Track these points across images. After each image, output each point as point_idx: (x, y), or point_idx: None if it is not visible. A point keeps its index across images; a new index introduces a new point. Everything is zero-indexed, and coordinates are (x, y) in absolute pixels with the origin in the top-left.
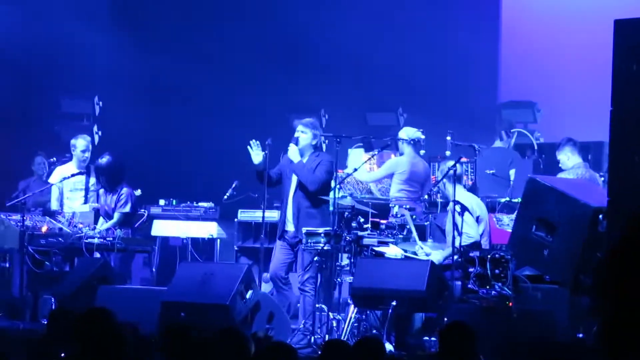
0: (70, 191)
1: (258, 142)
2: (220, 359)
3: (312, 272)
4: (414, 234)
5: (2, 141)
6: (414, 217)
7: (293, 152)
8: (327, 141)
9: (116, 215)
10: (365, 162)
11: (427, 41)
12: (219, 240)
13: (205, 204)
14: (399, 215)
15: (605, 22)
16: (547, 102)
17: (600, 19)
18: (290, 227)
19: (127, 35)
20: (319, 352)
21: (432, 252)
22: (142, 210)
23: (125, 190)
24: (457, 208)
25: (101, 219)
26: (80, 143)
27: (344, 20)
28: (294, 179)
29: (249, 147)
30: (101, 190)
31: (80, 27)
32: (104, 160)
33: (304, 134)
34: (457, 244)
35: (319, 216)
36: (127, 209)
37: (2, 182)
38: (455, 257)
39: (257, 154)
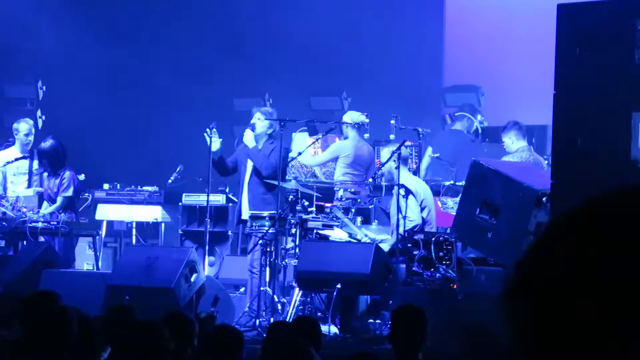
0: (13, 175)
1: (215, 128)
2: (165, 342)
3: (258, 255)
4: (351, 226)
5: None
6: (358, 200)
7: (248, 137)
8: None
9: (59, 200)
10: (310, 145)
11: (372, 24)
12: (163, 224)
13: (149, 188)
14: (343, 199)
15: (549, 6)
16: (491, 86)
17: (544, 3)
18: (245, 215)
19: (72, 18)
20: (264, 335)
21: (378, 238)
22: (86, 194)
23: (67, 174)
24: (402, 191)
25: (45, 203)
26: (22, 127)
27: (288, 4)
28: (249, 166)
29: (205, 134)
30: (45, 174)
31: (23, 9)
32: (46, 143)
33: (260, 122)
34: (400, 228)
35: (274, 202)
36: (70, 192)
37: None
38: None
39: (215, 141)
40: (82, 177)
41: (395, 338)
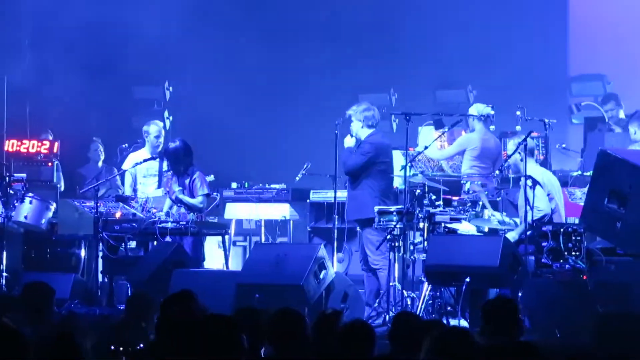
0: (143, 177)
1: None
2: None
3: (380, 251)
4: (488, 208)
5: (76, 129)
6: (486, 192)
7: (348, 142)
8: (397, 120)
9: (199, 199)
10: (436, 139)
11: (495, 17)
12: (291, 221)
13: (277, 186)
14: (470, 192)
15: None
16: (617, 74)
17: None
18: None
19: (198, 20)
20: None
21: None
22: (215, 193)
23: (197, 173)
24: (529, 182)
25: (168, 202)
26: (153, 129)
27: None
28: None
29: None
30: (169, 174)
31: (150, 11)
32: (172, 145)
33: (352, 124)
34: (529, 219)
35: (359, 198)
36: (206, 189)
37: (76, 170)
38: (528, 232)
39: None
40: (211, 177)
41: (487, 329)
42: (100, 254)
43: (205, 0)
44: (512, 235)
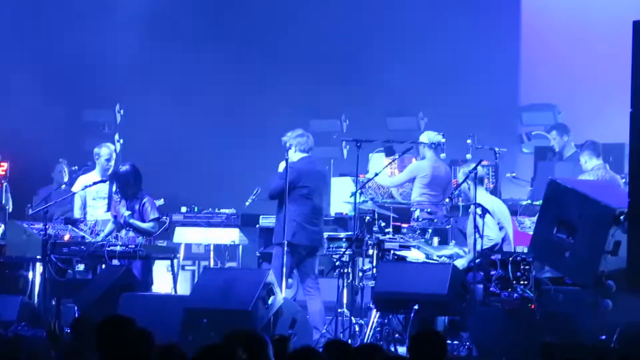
0: (93, 199)
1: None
2: None
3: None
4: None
5: (29, 152)
6: (435, 220)
7: (281, 167)
8: (347, 146)
9: (150, 224)
10: (386, 166)
11: (448, 45)
12: (241, 246)
13: (227, 211)
14: (420, 219)
15: (624, 24)
16: (567, 104)
17: (620, 20)
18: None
19: (147, 43)
20: None
21: (457, 262)
22: (164, 217)
23: (147, 198)
24: (478, 210)
25: (110, 225)
26: (104, 151)
27: (365, 25)
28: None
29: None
30: (116, 197)
31: (99, 35)
32: (122, 168)
33: (289, 149)
34: (478, 247)
35: (280, 221)
36: (156, 213)
37: (27, 193)
38: (477, 260)
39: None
40: (161, 201)
41: None
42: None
43: (158, 23)
44: (460, 263)
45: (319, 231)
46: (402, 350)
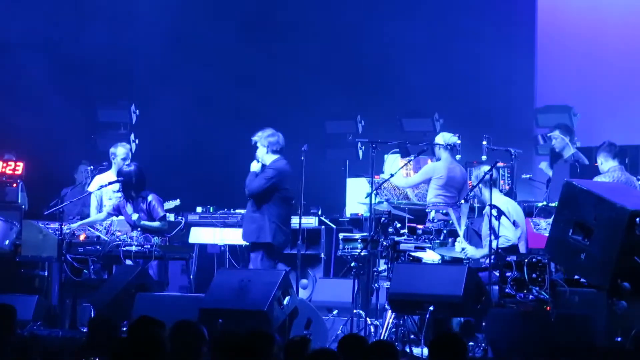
0: (109, 199)
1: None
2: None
3: None
4: (459, 230)
5: (45, 151)
6: (450, 222)
7: (254, 167)
8: (363, 147)
9: (158, 223)
10: (402, 167)
11: (463, 46)
12: None
13: (242, 211)
14: (435, 220)
15: None
16: (584, 106)
17: (635, 22)
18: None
19: (165, 43)
20: None
21: (469, 248)
22: (180, 217)
23: (152, 195)
24: (494, 212)
25: (101, 215)
26: (120, 151)
27: (381, 27)
28: None
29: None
30: (119, 195)
31: (116, 35)
32: (125, 169)
33: (258, 149)
34: (494, 246)
35: (258, 221)
36: (162, 212)
37: (44, 192)
38: (492, 258)
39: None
40: (177, 202)
41: None
42: (64, 276)
43: (173, 24)
44: (472, 252)
45: (290, 233)
46: (417, 351)
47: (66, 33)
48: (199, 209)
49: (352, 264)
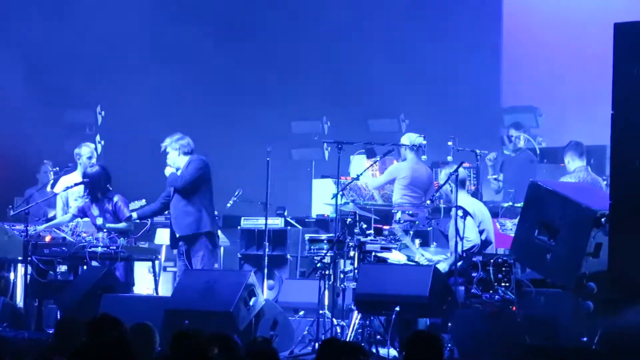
0: (75, 200)
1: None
2: None
3: None
4: (410, 245)
5: (10, 152)
6: (416, 222)
7: (168, 172)
8: (329, 148)
9: (125, 223)
10: (368, 168)
11: (429, 47)
12: (222, 247)
13: None
14: (402, 221)
15: (606, 25)
16: (549, 106)
17: (601, 22)
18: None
19: (133, 45)
20: None
21: (435, 259)
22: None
23: (117, 196)
24: (460, 213)
25: (67, 217)
26: (84, 150)
27: (347, 29)
28: (172, 190)
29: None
30: (86, 200)
31: (81, 37)
32: (90, 169)
33: (169, 154)
34: (459, 249)
35: (194, 213)
36: (127, 212)
37: (8, 193)
38: (459, 263)
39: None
40: (142, 202)
41: None
42: (30, 277)
43: (140, 24)
44: (442, 267)
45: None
46: (383, 351)
47: (32, 32)
48: (165, 211)
49: (318, 265)
